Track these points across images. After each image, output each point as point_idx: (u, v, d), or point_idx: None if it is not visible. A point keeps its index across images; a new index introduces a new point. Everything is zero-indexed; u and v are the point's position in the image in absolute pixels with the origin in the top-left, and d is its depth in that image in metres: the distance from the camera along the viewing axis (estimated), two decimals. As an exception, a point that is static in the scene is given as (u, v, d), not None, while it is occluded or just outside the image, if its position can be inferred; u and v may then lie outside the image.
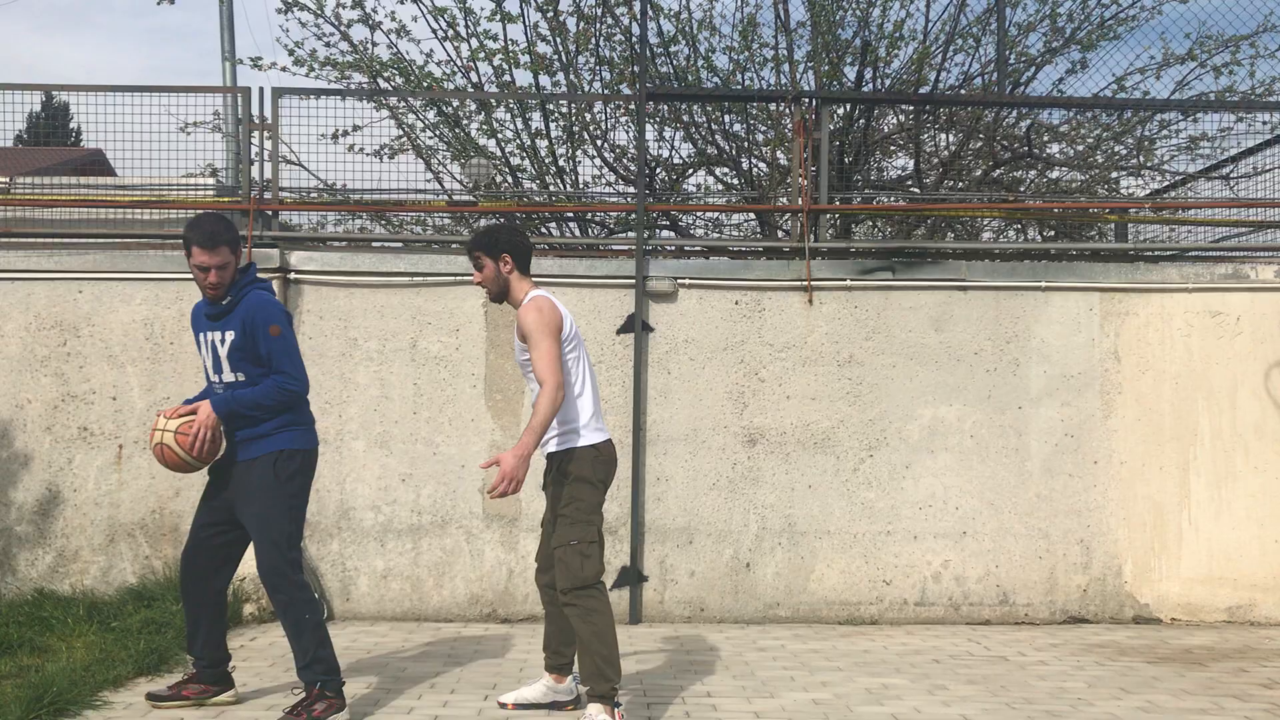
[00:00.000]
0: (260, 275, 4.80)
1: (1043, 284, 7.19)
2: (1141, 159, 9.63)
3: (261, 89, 7.23)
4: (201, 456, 4.51)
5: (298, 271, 7.01)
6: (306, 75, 9.42)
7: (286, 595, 4.50)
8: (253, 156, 7.24)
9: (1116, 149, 9.86)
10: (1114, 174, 9.80)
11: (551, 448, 4.57)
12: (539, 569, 4.82)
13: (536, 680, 4.93)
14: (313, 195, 7.87)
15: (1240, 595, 7.11)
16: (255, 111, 7.23)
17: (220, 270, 4.51)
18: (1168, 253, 7.89)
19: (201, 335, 4.66)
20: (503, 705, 4.87)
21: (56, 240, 7.26)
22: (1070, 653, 6.14)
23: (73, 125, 11.54)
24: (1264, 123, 8.98)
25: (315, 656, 4.51)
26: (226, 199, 7.44)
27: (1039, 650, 6.20)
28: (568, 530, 4.47)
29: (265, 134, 7.22)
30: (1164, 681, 5.48)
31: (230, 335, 4.53)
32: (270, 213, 7.22)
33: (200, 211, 4.63)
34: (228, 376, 4.57)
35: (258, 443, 4.55)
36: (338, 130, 8.30)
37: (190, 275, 6.94)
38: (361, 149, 8.42)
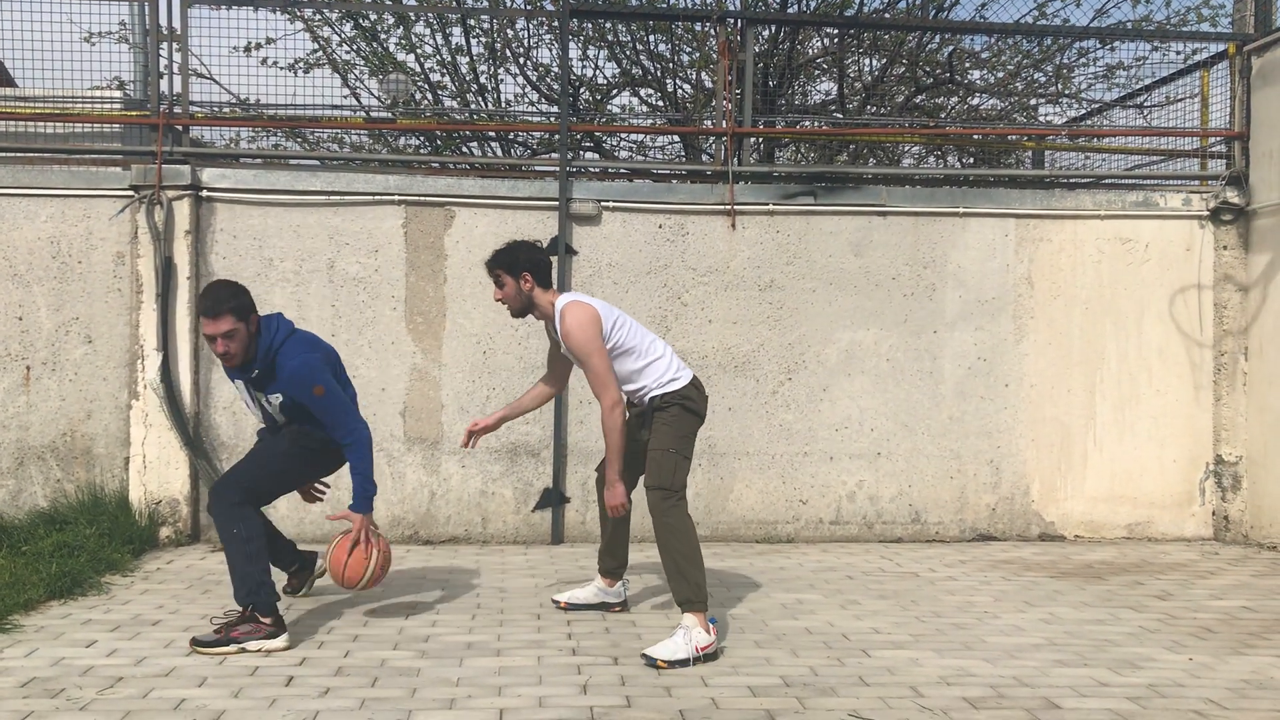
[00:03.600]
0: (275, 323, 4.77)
1: (960, 210, 7.29)
2: (1060, 87, 9.75)
3: (170, -2, 6.95)
4: (385, 562, 4.84)
5: (210, 189, 6.83)
6: (217, -16, 9.08)
7: (217, 510, 4.61)
8: (161, 69, 6.99)
9: (1036, 76, 9.97)
10: (1032, 101, 9.92)
11: (651, 394, 4.73)
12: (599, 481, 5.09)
13: (589, 582, 5.25)
14: (225, 110, 7.64)
15: (1139, 513, 7.39)
16: (164, 22, 6.96)
17: (227, 339, 4.51)
18: (1083, 180, 8.04)
19: (241, 383, 4.77)
20: (556, 603, 5.19)
21: (-46, 154, 6.97)
22: (978, 569, 6.35)
23: (-31, 33, 11.02)
24: (1177, 52, 9.14)
25: (240, 573, 4.54)
26: (134, 113, 7.20)
27: (948, 566, 6.41)
28: (669, 438, 4.65)
29: (174, 45, 6.96)
30: (1066, 595, 5.70)
31: (277, 399, 4.68)
32: (180, 128, 6.99)
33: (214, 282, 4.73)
34: (282, 421, 4.79)
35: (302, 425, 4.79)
36: (251, 43, 8.05)
37: (98, 193, 6.79)
38: (275, 63, 8.21)
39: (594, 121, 9.38)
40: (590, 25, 9.36)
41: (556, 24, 8.15)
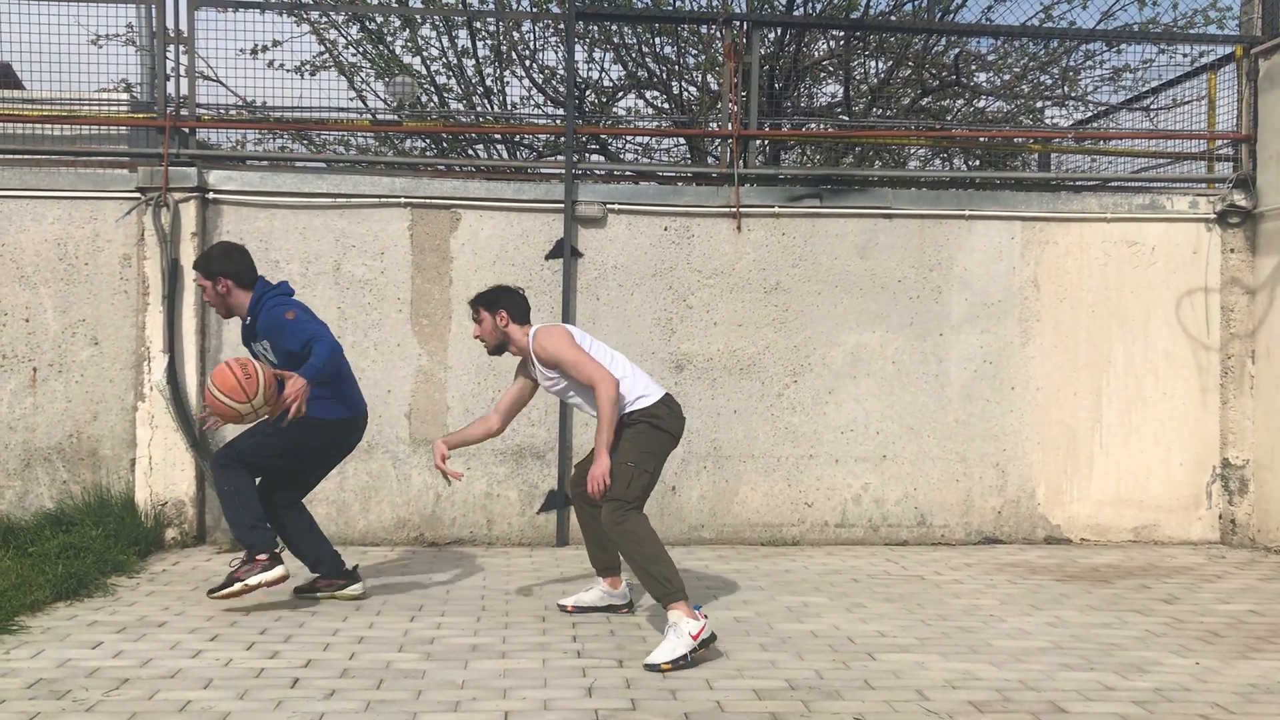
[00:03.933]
0: (273, 283, 5.26)
1: (966, 212, 7.28)
2: (1066, 89, 9.74)
3: (177, 0, 6.96)
4: (251, 396, 4.79)
5: (216, 191, 6.84)
6: (224, -13, 9.10)
7: (213, 474, 5.14)
8: (168, 71, 7.00)
9: (1042, 79, 9.95)
10: (1039, 104, 9.90)
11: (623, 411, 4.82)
12: (573, 482, 5.21)
13: (594, 585, 5.27)
14: (231, 112, 7.66)
15: (1145, 516, 7.38)
16: (170, 24, 6.98)
17: (201, 290, 5.23)
18: (1089, 183, 8.02)
19: (250, 345, 5.26)
20: (563, 608, 5.22)
21: (-39, 156, 6.98)
22: (984, 572, 6.34)
23: (-24, 35, 11.04)
24: (1184, 55, 9.13)
25: (234, 521, 5.01)
26: (141, 115, 7.21)
27: (954, 569, 6.40)
28: (628, 453, 4.73)
29: (181, 48, 6.98)
30: (1072, 598, 5.69)
31: (266, 345, 5.14)
32: (187, 130, 7.00)
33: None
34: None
35: (312, 403, 5.00)
36: (257, 45, 8.07)
37: (105, 195, 6.81)
38: (282, 65, 8.22)
39: (600, 124, 9.39)
40: (596, 28, 9.36)
41: (562, 26, 8.15)
